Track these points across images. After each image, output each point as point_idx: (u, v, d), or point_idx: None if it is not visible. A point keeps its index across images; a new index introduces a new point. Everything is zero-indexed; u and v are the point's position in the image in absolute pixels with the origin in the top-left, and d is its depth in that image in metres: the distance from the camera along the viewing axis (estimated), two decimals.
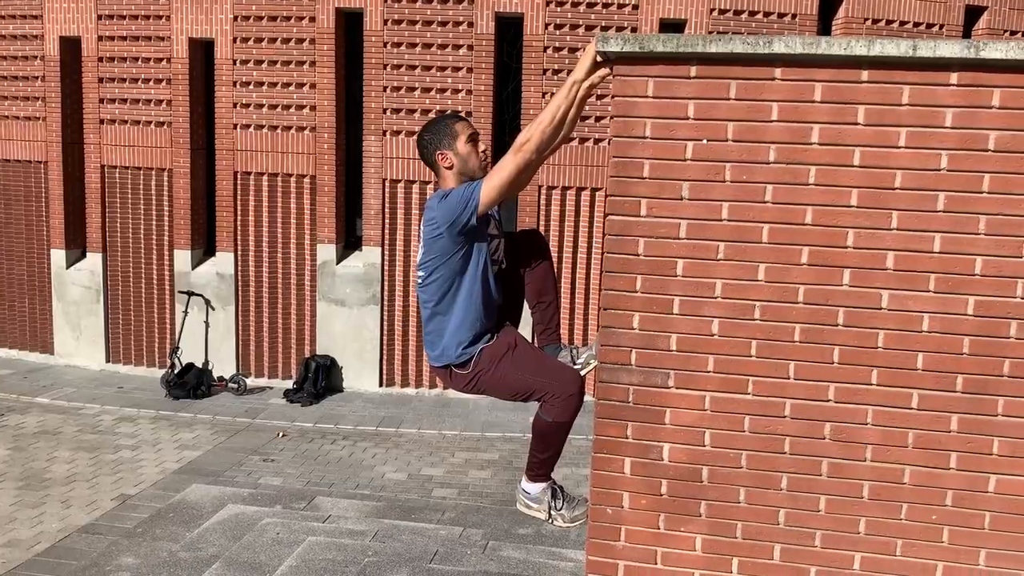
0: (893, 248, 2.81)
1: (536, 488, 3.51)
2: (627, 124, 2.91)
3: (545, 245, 3.64)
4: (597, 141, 10.23)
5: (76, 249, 11.41)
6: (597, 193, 10.34)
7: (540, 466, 3.47)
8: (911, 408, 2.87)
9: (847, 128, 2.79)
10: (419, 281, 3.41)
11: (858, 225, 2.82)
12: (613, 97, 2.93)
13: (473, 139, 3.32)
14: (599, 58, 3.00)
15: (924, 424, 2.86)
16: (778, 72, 2.79)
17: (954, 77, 2.71)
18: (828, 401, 2.91)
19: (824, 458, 2.93)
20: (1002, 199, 2.74)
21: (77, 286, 11.32)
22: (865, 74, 2.75)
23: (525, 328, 3.59)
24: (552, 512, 3.50)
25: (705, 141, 2.87)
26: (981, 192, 2.75)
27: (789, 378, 2.92)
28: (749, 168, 2.86)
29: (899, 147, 2.77)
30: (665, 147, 2.90)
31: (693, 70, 2.84)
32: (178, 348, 10.63)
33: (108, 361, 11.36)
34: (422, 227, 3.36)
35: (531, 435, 3.45)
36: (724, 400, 2.96)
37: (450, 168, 3.31)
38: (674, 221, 2.93)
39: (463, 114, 9.24)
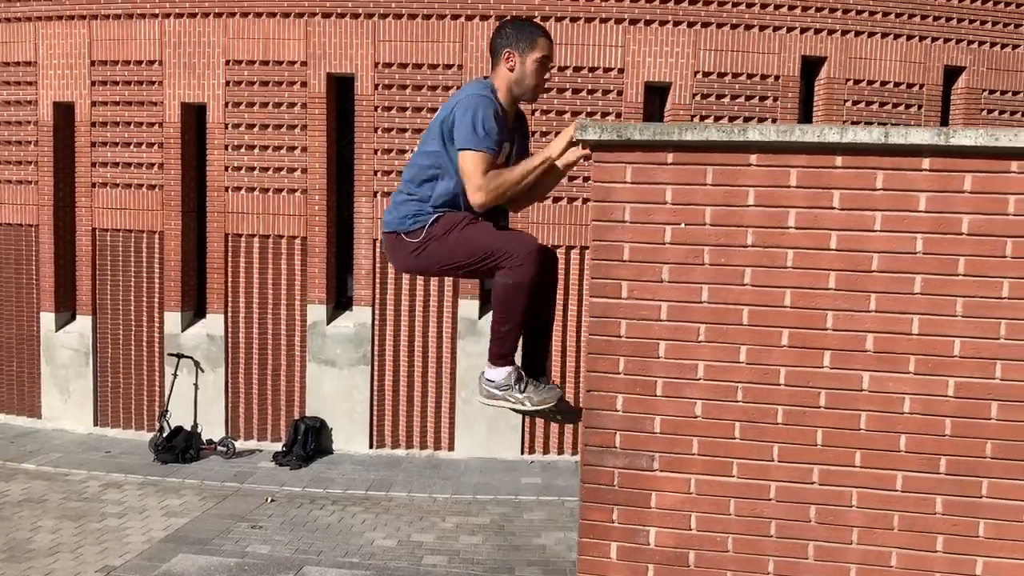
0: (872, 330, 2.84)
1: (500, 373, 3.34)
2: (607, 209, 2.96)
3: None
4: (586, 200, 10.32)
5: (66, 312, 11.39)
6: (586, 252, 10.40)
7: (502, 341, 3.31)
8: (896, 490, 2.86)
9: (823, 212, 2.83)
10: (415, 149, 3.38)
11: (837, 307, 2.85)
12: (593, 182, 2.98)
13: (543, 62, 3.28)
14: (576, 138, 3.05)
15: (909, 506, 2.86)
16: (753, 158, 2.84)
17: (926, 162, 2.77)
18: (813, 483, 2.90)
19: (810, 541, 2.91)
20: (978, 281, 2.78)
21: (66, 349, 11.27)
22: (839, 160, 2.81)
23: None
24: (518, 395, 3.32)
25: (684, 225, 2.92)
26: (957, 275, 2.78)
27: (773, 460, 2.92)
28: (727, 251, 2.90)
29: (875, 231, 2.81)
30: (644, 231, 2.94)
31: (670, 157, 2.89)
32: (167, 411, 10.55)
33: (96, 424, 11.26)
34: (438, 113, 3.32)
35: (492, 305, 3.34)
36: (709, 483, 2.95)
37: (510, 71, 3.25)
38: (655, 303, 2.96)
39: None
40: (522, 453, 10.41)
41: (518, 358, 3.42)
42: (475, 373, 10.79)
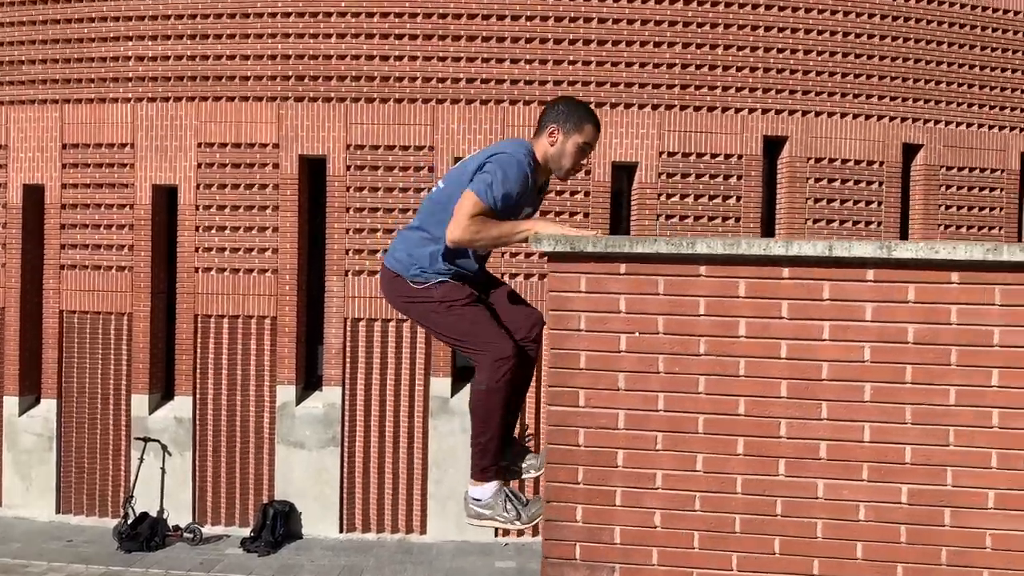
0: (825, 438, 2.87)
1: (486, 491, 3.31)
2: (563, 318, 3.00)
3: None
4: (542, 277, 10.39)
5: (30, 395, 11.19)
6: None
7: (483, 455, 3.29)
8: None
9: (773, 322, 2.89)
10: (434, 189, 3.41)
11: (790, 415, 2.89)
12: (549, 292, 3.02)
13: (584, 149, 3.33)
14: (532, 247, 3.11)
15: None
16: (703, 269, 2.91)
17: (870, 274, 2.84)
18: None
19: None
20: (925, 389, 2.83)
21: (29, 434, 11.04)
22: (786, 271, 2.87)
23: None
24: (505, 514, 3.28)
25: (638, 334, 2.96)
26: (905, 383, 2.84)
27: (732, 570, 2.91)
28: (682, 360, 2.94)
29: (823, 340, 2.87)
30: (600, 339, 2.98)
31: (623, 267, 2.95)
32: (132, 497, 10.32)
33: (59, 512, 10.97)
34: (475, 155, 3.36)
35: (470, 419, 3.33)
36: None
37: (551, 145, 3.30)
38: (613, 412, 2.98)
39: None
40: (496, 536, 10.25)
41: None
42: (447, 453, 10.72)
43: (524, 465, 3.43)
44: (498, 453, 3.32)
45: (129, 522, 10.11)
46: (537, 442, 9.26)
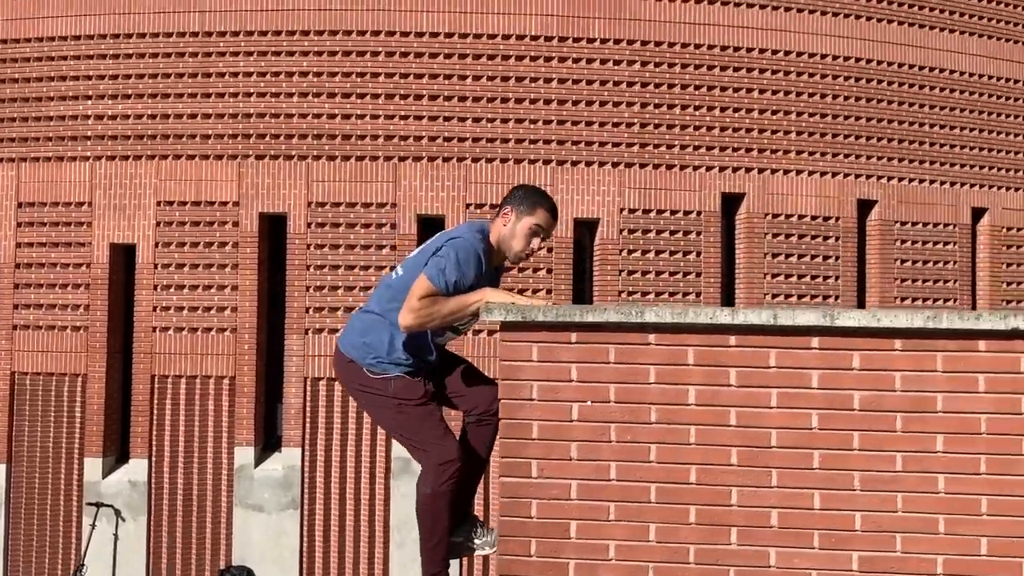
0: (776, 506, 2.86)
1: None
2: (515, 387, 2.98)
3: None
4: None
5: None
6: None
7: (432, 560, 3.28)
8: None
9: (721, 389, 2.90)
10: (392, 275, 3.36)
11: (740, 484, 2.88)
12: (500, 361, 3.01)
13: (536, 232, 3.28)
14: (483, 318, 3.11)
15: None
16: (652, 338, 2.92)
17: (815, 342, 2.87)
18: None
19: None
20: (873, 456, 2.84)
21: None
22: (733, 339, 2.89)
23: None
24: None
25: (590, 403, 2.95)
26: (852, 450, 2.85)
27: None
28: (633, 428, 2.93)
29: (771, 407, 2.88)
30: (552, 408, 2.96)
31: (573, 336, 2.95)
32: (83, 565, 9.98)
33: None
34: (432, 240, 3.34)
35: (417, 522, 3.32)
36: None
37: (504, 226, 3.29)
38: (565, 482, 2.95)
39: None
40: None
41: None
42: (409, 516, 10.49)
43: (478, 541, 3.39)
44: (447, 556, 3.33)
45: None
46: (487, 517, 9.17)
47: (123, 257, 10.85)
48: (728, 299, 11.03)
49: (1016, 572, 2.82)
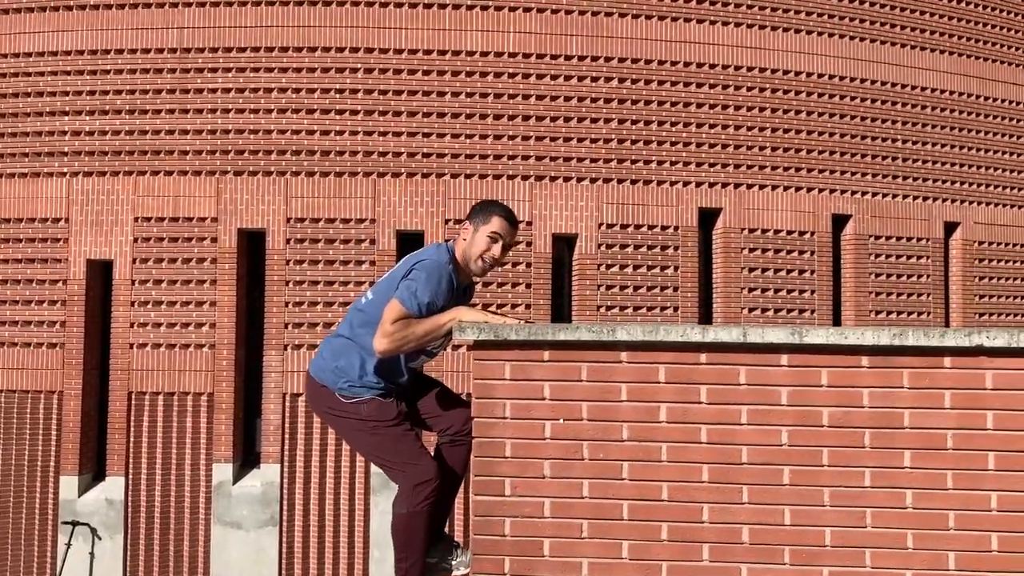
0: (747, 522, 2.90)
1: None
2: (488, 406, 3.00)
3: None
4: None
5: None
6: None
7: None
8: None
9: (692, 407, 2.93)
10: (362, 299, 3.36)
11: (712, 500, 2.91)
12: (473, 380, 3.03)
13: (494, 238, 3.31)
14: (456, 338, 3.12)
15: None
16: (624, 356, 2.95)
17: (784, 359, 2.91)
18: None
19: None
20: (842, 471, 2.89)
21: None
22: (704, 357, 2.93)
23: None
24: None
25: (562, 420, 2.98)
26: (822, 466, 2.89)
27: None
28: (605, 446, 2.96)
29: (742, 424, 2.92)
30: (524, 427, 2.99)
31: (546, 354, 2.98)
32: None
33: None
34: (400, 264, 3.36)
35: (392, 541, 3.33)
36: None
37: (464, 240, 3.34)
38: (538, 500, 2.97)
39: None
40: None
41: None
42: (389, 532, 10.49)
43: (454, 562, 3.39)
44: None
45: None
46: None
47: (100, 273, 10.77)
48: (706, 313, 11.10)
49: None
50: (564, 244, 11.01)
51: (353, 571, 10.27)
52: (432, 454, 3.40)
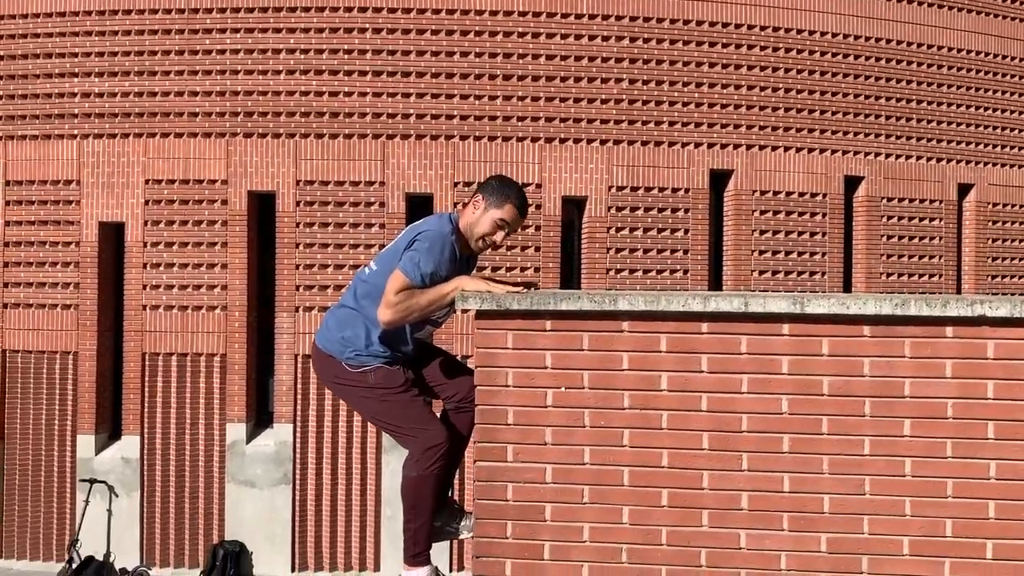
0: (746, 489, 2.93)
1: (419, 575, 3.35)
2: (490, 374, 3.03)
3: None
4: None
5: None
6: None
7: (415, 541, 3.33)
8: None
9: (693, 375, 2.95)
10: (365, 270, 3.36)
11: (711, 467, 2.95)
12: (476, 348, 3.06)
13: (500, 223, 3.30)
14: (458, 307, 3.14)
15: None
16: (625, 325, 2.97)
17: (786, 328, 2.92)
18: None
19: None
20: (840, 440, 2.91)
21: None
22: (705, 326, 2.95)
23: None
24: None
25: (564, 389, 3.00)
26: (821, 434, 2.91)
27: None
28: (606, 414, 2.99)
29: (742, 392, 2.94)
30: (527, 395, 3.02)
31: (548, 324, 3.00)
32: (77, 540, 10.06)
33: (1, 557, 10.69)
34: (402, 234, 3.35)
35: (401, 503, 3.37)
36: None
37: (472, 212, 3.32)
38: (540, 466, 3.01)
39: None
40: (450, 570, 10.19)
41: None
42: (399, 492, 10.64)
43: (459, 525, 3.45)
44: (429, 538, 3.37)
45: (74, 567, 9.84)
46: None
47: (112, 235, 10.84)
48: (716, 276, 11.09)
49: (980, 552, 2.90)
50: (574, 207, 10.98)
51: (365, 528, 10.45)
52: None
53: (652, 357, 2.96)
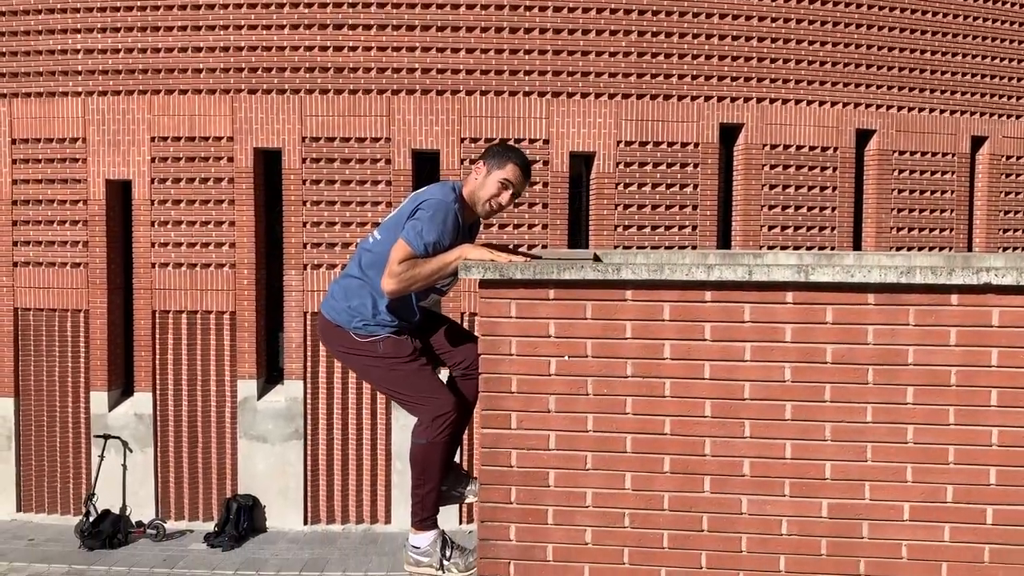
0: (748, 455, 2.95)
1: (425, 539, 3.41)
2: (494, 342, 3.04)
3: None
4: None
5: None
6: None
7: (423, 506, 3.39)
8: None
9: (696, 344, 2.95)
10: (369, 239, 3.36)
11: (713, 434, 2.96)
12: (480, 317, 3.06)
13: (504, 184, 3.30)
14: (461, 276, 3.14)
15: None
16: (628, 294, 2.96)
17: (789, 296, 2.91)
18: None
19: None
20: (843, 407, 2.91)
21: None
22: (708, 295, 2.93)
23: None
24: (444, 563, 3.38)
25: (567, 357, 3.01)
26: (824, 401, 2.92)
27: None
28: (609, 382, 2.99)
29: (745, 361, 2.94)
30: (530, 363, 3.02)
31: (551, 293, 2.99)
32: (94, 494, 10.28)
33: (19, 510, 10.92)
34: (406, 202, 3.35)
35: (410, 469, 3.39)
36: None
37: (474, 180, 3.34)
38: (543, 433, 3.03)
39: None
40: (460, 523, 10.36)
41: None
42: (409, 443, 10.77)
43: (465, 490, 3.49)
44: (437, 503, 3.40)
45: (91, 520, 10.08)
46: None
47: (120, 193, 10.84)
48: (724, 231, 11.03)
49: (980, 518, 2.92)
50: (582, 162, 10.90)
51: (376, 481, 10.60)
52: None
53: (655, 326, 2.96)
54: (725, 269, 2.89)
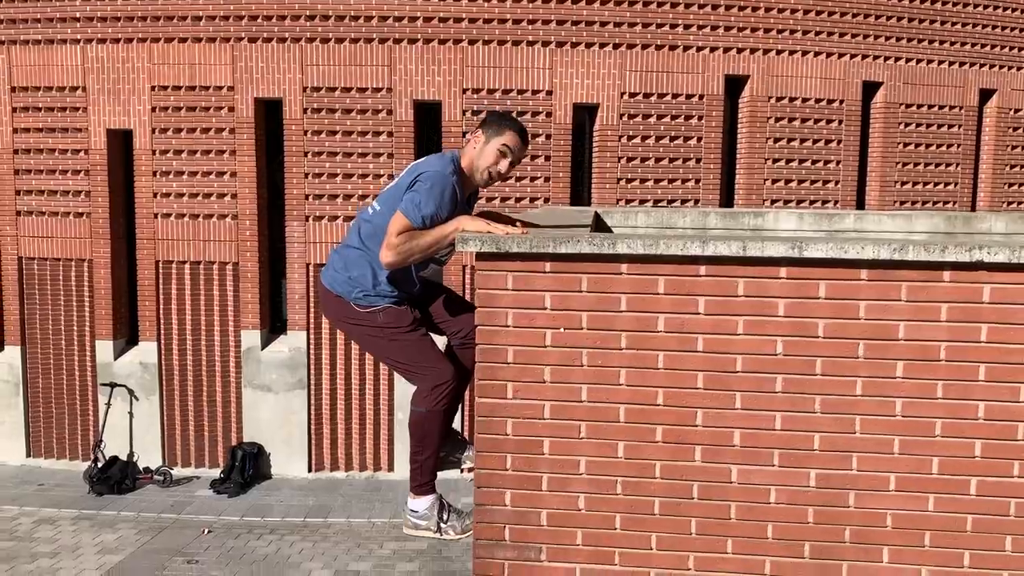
0: (738, 426, 3.01)
1: (423, 503, 3.52)
2: (491, 314, 3.08)
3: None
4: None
5: None
6: None
7: (421, 472, 3.48)
8: (764, 575, 3.05)
9: (689, 317, 2.99)
10: (368, 210, 3.38)
11: (705, 406, 3.02)
12: (477, 289, 3.10)
13: (503, 151, 3.33)
14: (458, 249, 3.16)
15: None
16: (624, 268, 2.99)
17: (783, 271, 2.94)
18: (688, 570, 3.08)
19: None
20: (833, 380, 2.96)
21: None
22: (703, 269, 2.96)
23: None
24: (442, 525, 3.50)
25: (563, 329, 3.05)
26: (815, 375, 2.97)
27: (652, 549, 3.08)
28: (604, 354, 3.04)
29: (738, 334, 2.98)
30: (526, 335, 3.07)
31: (547, 266, 3.02)
32: (101, 441, 10.47)
33: (29, 456, 11.12)
34: (404, 173, 3.37)
35: (409, 436, 3.47)
36: (593, 571, 3.10)
37: (473, 150, 3.35)
38: (539, 403, 3.09)
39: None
40: (461, 472, 10.52)
41: None
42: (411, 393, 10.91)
43: (462, 456, 3.57)
44: (435, 469, 3.47)
45: (100, 466, 10.28)
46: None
47: (121, 143, 10.81)
48: (728, 186, 10.99)
49: (964, 488, 2.99)
50: (585, 114, 10.81)
51: (379, 430, 10.77)
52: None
53: (650, 299, 2.99)
54: (720, 244, 2.91)
